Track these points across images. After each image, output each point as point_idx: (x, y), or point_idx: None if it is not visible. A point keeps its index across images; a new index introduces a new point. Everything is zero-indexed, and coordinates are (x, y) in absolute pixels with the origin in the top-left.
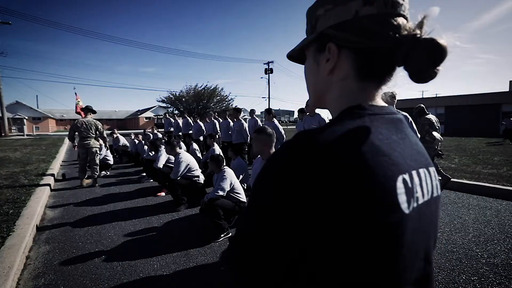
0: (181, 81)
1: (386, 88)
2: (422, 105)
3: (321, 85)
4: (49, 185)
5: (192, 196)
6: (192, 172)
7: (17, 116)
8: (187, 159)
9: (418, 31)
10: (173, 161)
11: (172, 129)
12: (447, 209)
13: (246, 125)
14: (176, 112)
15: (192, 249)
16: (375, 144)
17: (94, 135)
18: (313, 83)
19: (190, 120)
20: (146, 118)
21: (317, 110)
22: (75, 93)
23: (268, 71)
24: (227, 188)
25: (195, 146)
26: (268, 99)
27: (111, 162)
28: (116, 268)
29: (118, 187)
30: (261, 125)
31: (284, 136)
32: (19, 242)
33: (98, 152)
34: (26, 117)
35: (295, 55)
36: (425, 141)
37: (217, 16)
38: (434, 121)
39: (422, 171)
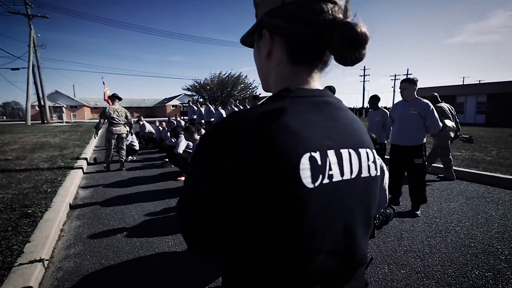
0: (207, 69)
1: (322, 72)
2: (436, 94)
3: (263, 70)
4: (82, 168)
5: None
6: None
7: (57, 105)
8: None
9: (339, 16)
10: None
11: (195, 116)
12: (472, 203)
13: None
14: (201, 100)
15: None
16: (285, 123)
17: (123, 122)
18: (258, 68)
19: (211, 108)
20: (173, 106)
21: (337, 95)
22: (103, 82)
23: None
24: None
25: None
26: None
27: (137, 147)
28: (135, 243)
29: (142, 171)
30: None
31: None
32: (55, 216)
33: (126, 138)
34: (65, 106)
35: (247, 41)
36: None
37: (243, 1)
38: (446, 109)
39: (345, 151)
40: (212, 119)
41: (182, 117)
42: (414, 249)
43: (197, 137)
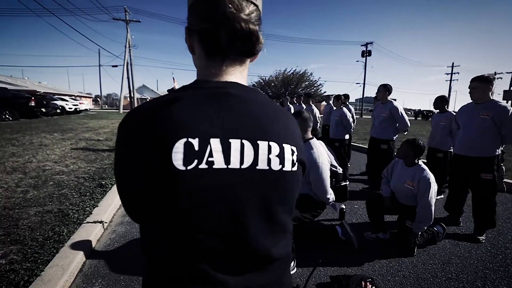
0: (275, 65)
1: (240, 65)
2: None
3: (194, 63)
4: None
5: None
6: None
7: (143, 97)
8: None
9: (231, 10)
10: None
11: None
12: None
13: (316, 111)
14: None
15: None
16: (169, 112)
17: None
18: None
19: None
20: None
21: (390, 97)
22: (173, 78)
23: (366, 53)
24: None
25: None
26: (363, 84)
27: None
28: None
29: None
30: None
31: (352, 125)
32: None
33: None
34: (149, 98)
35: None
36: None
37: None
38: None
39: (235, 141)
40: None
41: None
42: (462, 278)
43: None
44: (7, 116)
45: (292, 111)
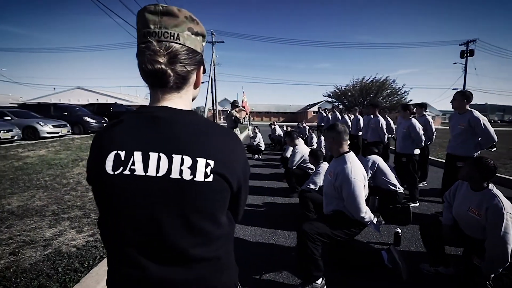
0: (355, 74)
1: (178, 91)
2: None
3: None
4: None
5: None
6: (307, 164)
7: (224, 109)
8: (303, 151)
9: (148, 52)
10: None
11: (323, 123)
12: None
13: (383, 122)
14: (341, 106)
15: (280, 230)
16: (110, 131)
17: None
18: None
19: (338, 115)
20: (314, 112)
21: (469, 107)
22: (243, 92)
23: (466, 53)
24: (320, 183)
25: None
26: (462, 90)
27: (263, 148)
28: None
29: (259, 169)
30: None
31: (423, 138)
32: None
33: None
34: (229, 110)
35: None
36: None
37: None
38: None
39: (154, 154)
40: None
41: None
42: None
43: (297, 142)
44: None
45: (361, 122)
